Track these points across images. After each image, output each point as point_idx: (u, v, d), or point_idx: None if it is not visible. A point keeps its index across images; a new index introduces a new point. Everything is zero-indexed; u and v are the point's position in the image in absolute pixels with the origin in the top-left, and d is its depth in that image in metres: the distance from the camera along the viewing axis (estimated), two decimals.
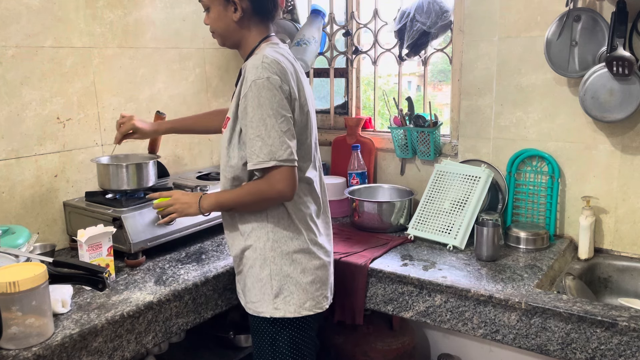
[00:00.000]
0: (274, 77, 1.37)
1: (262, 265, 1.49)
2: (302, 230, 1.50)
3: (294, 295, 1.49)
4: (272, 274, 1.48)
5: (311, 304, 1.52)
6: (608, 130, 1.90)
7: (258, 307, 1.51)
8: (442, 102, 2.56)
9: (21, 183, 1.82)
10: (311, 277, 1.51)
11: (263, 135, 1.37)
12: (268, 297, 1.49)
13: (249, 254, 1.51)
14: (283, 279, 1.48)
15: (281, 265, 1.48)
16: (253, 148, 1.38)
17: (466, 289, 1.59)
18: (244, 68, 1.45)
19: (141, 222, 1.75)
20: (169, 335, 1.55)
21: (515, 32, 2.01)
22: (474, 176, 2.03)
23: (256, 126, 1.37)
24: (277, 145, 1.37)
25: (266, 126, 1.36)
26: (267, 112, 1.36)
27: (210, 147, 2.52)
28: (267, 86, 1.36)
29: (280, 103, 1.38)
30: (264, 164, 1.38)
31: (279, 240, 1.49)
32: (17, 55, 1.77)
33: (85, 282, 1.41)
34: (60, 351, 1.26)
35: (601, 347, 1.41)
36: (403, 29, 2.24)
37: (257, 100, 1.36)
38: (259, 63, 1.38)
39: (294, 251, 1.49)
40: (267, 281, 1.48)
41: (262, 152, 1.37)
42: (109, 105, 2.06)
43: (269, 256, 1.48)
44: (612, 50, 1.75)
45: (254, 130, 1.38)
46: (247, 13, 1.46)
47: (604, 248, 1.96)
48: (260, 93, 1.36)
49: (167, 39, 2.26)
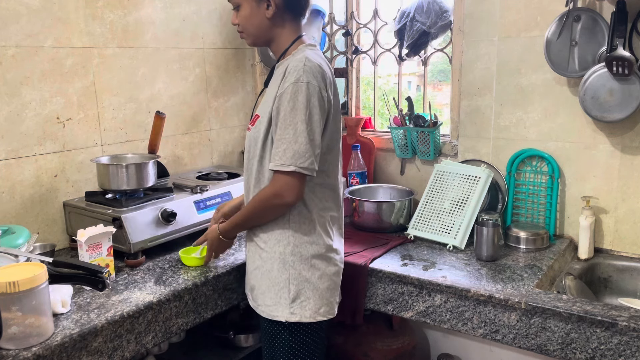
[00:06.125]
0: (313, 82, 1.37)
1: (281, 269, 1.48)
2: (322, 235, 1.50)
3: (311, 301, 1.48)
4: (290, 278, 1.47)
5: (325, 310, 1.52)
6: (608, 130, 1.90)
7: (273, 310, 1.49)
8: (442, 102, 2.56)
9: (21, 183, 1.82)
10: (328, 283, 1.52)
11: (290, 139, 1.36)
12: (285, 302, 1.47)
13: (266, 256, 1.50)
14: (301, 284, 1.48)
15: (300, 270, 1.48)
16: (278, 149, 1.38)
17: (466, 289, 1.59)
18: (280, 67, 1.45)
19: (141, 222, 1.75)
20: (168, 335, 1.55)
21: (515, 32, 2.01)
22: (473, 176, 2.03)
23: (285, 128, 1.37)
24: (302, 152, 1.36)
25: (295, 130, 1.36)
26: (300, 116, 1.36)
27: (210, 147, 2.52)
28: (304, 91, 1.35)
29: (315, 110, 1.37)
30: (285, 167, 1.37)
31: (300, 245, 1.48)
32: (17, 55, 1.77)
33: (85, 282, 1.41)
34: (60, 351, 1.26)
35: (601, 347, 1.41)
36: (403, 29, 2.24)
37: (293, 102, 1.36)
38: (301, 66, 1.37)
39: (313, 256, 1.49)
40: (285, 285, 1.47)
41: (286, 155, 1.36)
42: (109, 105, 2.06)
43: (289, 260, 1.47)
44: (612, 50, 1.75)
45: (282, 132, 1.37)
46: (279, 9, 1.45)
47: (603, 248, 1.96)
48: (296, 96, 1.35)
49: (167, 39, 2.26)
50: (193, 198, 1.94)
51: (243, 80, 2.64)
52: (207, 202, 1.98)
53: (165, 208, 1.82)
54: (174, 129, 2.32)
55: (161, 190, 1.95)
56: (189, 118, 2.38)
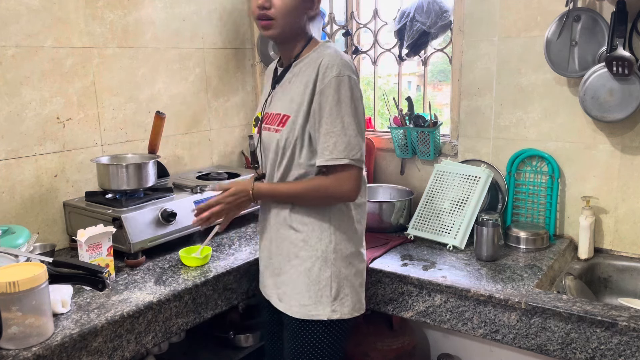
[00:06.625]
0: (353, 76, 1.38)
1: (323, 267, 1.46)
2: (357, 232, 1.52)
3: (349, 297, 1.49)
4: (332, 276, 1.47)
5: (359, 306, 1.53)
6: (608, 130, 1.90)
7: (312, 310, 1.47)
8: (442, 102, 2.56)
9: (21, 183, 1.82)
10: (360, 279, 1.54)
11: (339, 132, 1.36)
12: (326, 300, 1.46)
13: (306, 255, 1.47)
14: (342, 281, 1.48)
15: (340, 267, 1.48)
16: (327, 143, 1.37)
17: (466, 289, 1.59)
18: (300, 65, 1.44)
19: (141, 222, 1.75)
20: (168, 335, 1.55)
21: (515, 32, 2.01)
22: (473, 176, 2.03)
23: (332, 122, 1.36)
24: (353, 144, 1.36)
25: (343, 123, 1.36)
26: (346, 110, 1.36)
27: (210, 147, 2.52)
28: (348, 84, 1.36)
29: (358, 103, 1.39)
30: (337, 160, 1.36)
31: (341, 242, 1.48)
32: (17, 55, 1.77)
33: (85, 282, 1.41)
34: (60, 351, 1.26)
35: (601, 347, 1.41)
36: (403, 29, 2.24)
37: (337, 96, 1.35)
38: (339, 60, 1.37)
39: (351, 253, 1.50)
40: (327, 283, 1.46)
41: (337, 149, 1.36)
42: (109, 105, 2.06)
43: (331, 258, 1.46)
44: (612, 50, 1.75)
45: (329, 127, 1.36)
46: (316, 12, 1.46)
47: (603, 248, 1.96)
48: (340, 89, 1.35)
49: (167, 39, 2.26)
50: (193, 198, 1.94)
51: (243, 80, 2.64)
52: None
53: (165, 208, 1.82)
54: (174, 129, 2.32)
55: (161, 190, 1.95)
56: (189, 118, 2.38)
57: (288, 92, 1.46)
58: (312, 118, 1.40)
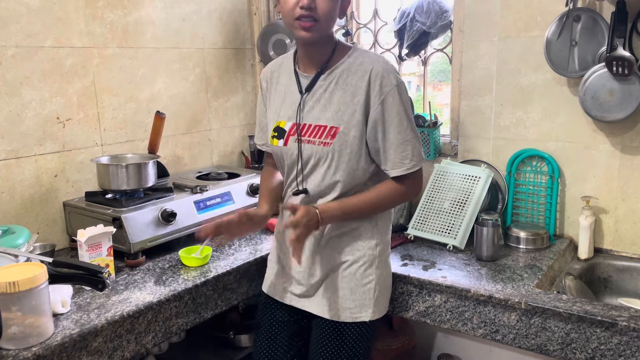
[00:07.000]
0: (403, 81, 1.40)
1: (368, 270, 1.47)
2: (389, 233, 1.55)
3: (382, 297, 1.52)
4: (376, 278, 1.48)
5: (387, 305, 1.56)
6: (608, 130, 1.90)
7: (355, 312, 1.46)
8: (442, 102, 2.56)
9: (21, 183, 1.82)
10: (390, 280, 1.57)
11: (412, 140, 1.39)
12: (369, 302, 1.47)
13: (353, 258, 1.47)
14: (381, 282, 1.50)
15: (382, 270, 1.50)
16: (405, 152, 1.38)
17: (466, 289, 1.59)
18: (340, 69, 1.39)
19: (141, 222, 1.75)
20: (168, 335, 1.55)
21: (515, 32, 2.01)
22: (473, 176, 2.03)
23: (404, 131, 1.38)
24: (419, 147, 1.42)
25: (412, 131, 1.40)
26: (410, 116, 1.40)
27: (210, 147, 2.52)
28: (405, 90, 1.40)
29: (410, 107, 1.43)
30: (416, 167, 1.41)
31: (384, 243, 1.51)
32: (17, 55, 1.77)
33: (85, 282, 1.41)
34: (60, 351, 1.26)
35: (601, 347, 1.41)
36: (403, 29, 2.24)
37: (402, 105, 1.37)
38: (389, 67, 1.38)
39: (388, 255, 1.54)
40: (371, 287, 1.47)
41: (415, 157, 1.40)
42: (109, 105, 2.06)
43: (376, 262, 1.48)
44: (612, 50, 1.75)
45: (403, 135, 1.38)
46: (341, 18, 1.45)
47: (603, 248, 1.96)
48: (401, 97, 1.38)
49: (167, 39, 2.26)
50: (193, 198, 1.94)
51: (243, 80, 2.64)
52: (207, 202, 1.98)
53: (165, 208, 1.82)
54: (174, 129, 2.32)
55: (161, 190, 1.95)
56: (189, 118, 2.38)
57: (330, 102, 1.39)
58: (373, 128, 1.38)
